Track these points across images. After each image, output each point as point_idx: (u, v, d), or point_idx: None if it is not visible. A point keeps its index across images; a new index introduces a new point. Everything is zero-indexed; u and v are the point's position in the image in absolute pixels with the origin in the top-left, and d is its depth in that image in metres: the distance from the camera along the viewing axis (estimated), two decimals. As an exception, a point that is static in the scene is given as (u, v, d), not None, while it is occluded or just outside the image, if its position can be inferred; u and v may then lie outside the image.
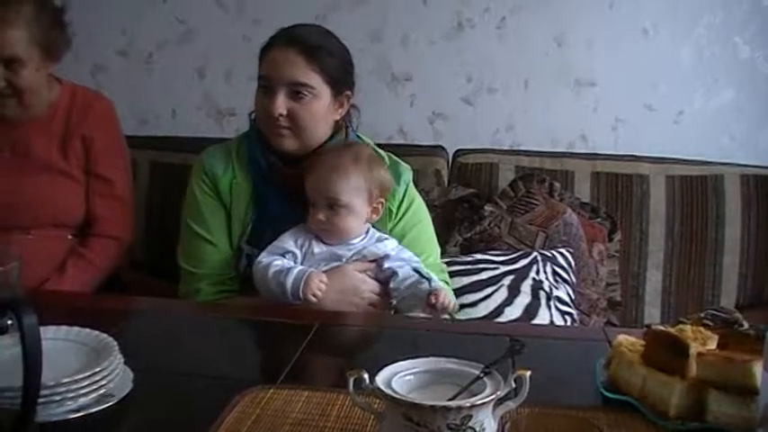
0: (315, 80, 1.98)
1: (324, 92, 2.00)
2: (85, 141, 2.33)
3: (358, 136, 2.14)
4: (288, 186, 2.01)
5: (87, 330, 1.37)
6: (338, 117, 2.08)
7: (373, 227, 2.00)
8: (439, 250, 2.18)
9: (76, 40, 2.38)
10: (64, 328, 1.37)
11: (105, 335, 1.35)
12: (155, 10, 3.08)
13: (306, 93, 1.98)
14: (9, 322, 0.99)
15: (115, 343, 1.32)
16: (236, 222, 2.06)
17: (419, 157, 2.71)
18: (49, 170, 2.31)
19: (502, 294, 2.33)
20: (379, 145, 2.22)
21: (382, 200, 1.97)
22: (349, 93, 2.08)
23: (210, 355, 1.58)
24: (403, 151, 2.58)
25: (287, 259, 1.91)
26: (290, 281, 1.83)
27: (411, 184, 2.15)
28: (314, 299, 1.83)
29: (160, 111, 3.14)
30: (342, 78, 2.05)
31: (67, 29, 2.30)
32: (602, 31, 2.93)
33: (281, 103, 1.97)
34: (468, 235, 2.52)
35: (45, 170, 2.31)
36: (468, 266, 2.40)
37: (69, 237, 2.35)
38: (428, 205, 2.49)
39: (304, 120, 1.99)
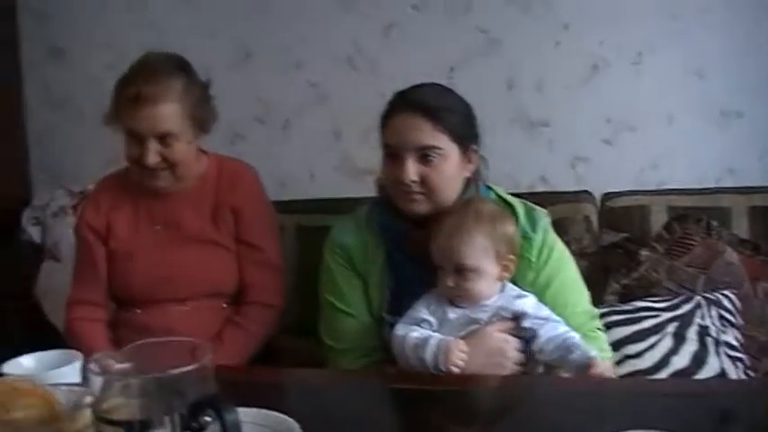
0: (441, 141, 1.94)
1: (452, 151, 1.96)
2: (235, 212, 2.37)
3: (488, 187, 2.09)
4: (420, 250, 1.96)
5: (265, 411, 1.37)
6: (468, 173, 2.03)
7: (511, 281, 1.93)
8: (588, 294, 2.07)
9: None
10: (242, 409, 1.37)
11: (285, 416, 1.35)
12: (288, 76, 3.15)
13: (434, 155, 1.93)
14: (207, 419, 0.99)
15: (297, 425, 1.31)
16: (374, 291, 2.04)
17: (565, 204, 2.64)
18: (202, 241, 2.36)
19: (667, 343, 2.24)
20: (520, 194, 2.16)
21: (512, 256, 1.90)
22: (475, 146, 2.03)
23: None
24: (548, 199, 2.52)
25: (423, 328, 1.87)
26: (429, 354, 1.79)
27: (549, 229, 2.05)
28: (456, 369, 1.78)
29: (298, 174, 3.18)
30: (467, 134, 2.00)
31: (212, 101, 2.36)
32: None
33: (412, 170, 1.93)
34: (626, 281, 2.45)
35: (198, 241, 2.35)
36: (629, 315, 2.31)
37: (224, 305, 2.38)
38: (580, 253, 2.44)
39: (436, 182, 1.95)
